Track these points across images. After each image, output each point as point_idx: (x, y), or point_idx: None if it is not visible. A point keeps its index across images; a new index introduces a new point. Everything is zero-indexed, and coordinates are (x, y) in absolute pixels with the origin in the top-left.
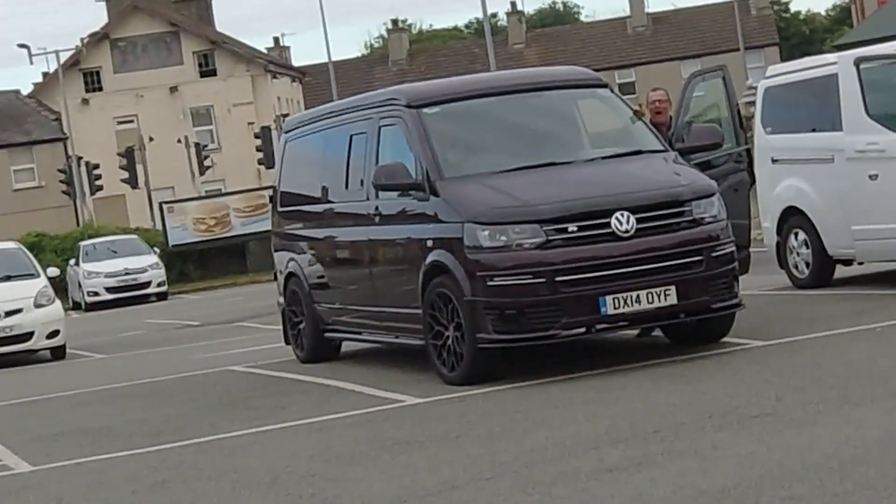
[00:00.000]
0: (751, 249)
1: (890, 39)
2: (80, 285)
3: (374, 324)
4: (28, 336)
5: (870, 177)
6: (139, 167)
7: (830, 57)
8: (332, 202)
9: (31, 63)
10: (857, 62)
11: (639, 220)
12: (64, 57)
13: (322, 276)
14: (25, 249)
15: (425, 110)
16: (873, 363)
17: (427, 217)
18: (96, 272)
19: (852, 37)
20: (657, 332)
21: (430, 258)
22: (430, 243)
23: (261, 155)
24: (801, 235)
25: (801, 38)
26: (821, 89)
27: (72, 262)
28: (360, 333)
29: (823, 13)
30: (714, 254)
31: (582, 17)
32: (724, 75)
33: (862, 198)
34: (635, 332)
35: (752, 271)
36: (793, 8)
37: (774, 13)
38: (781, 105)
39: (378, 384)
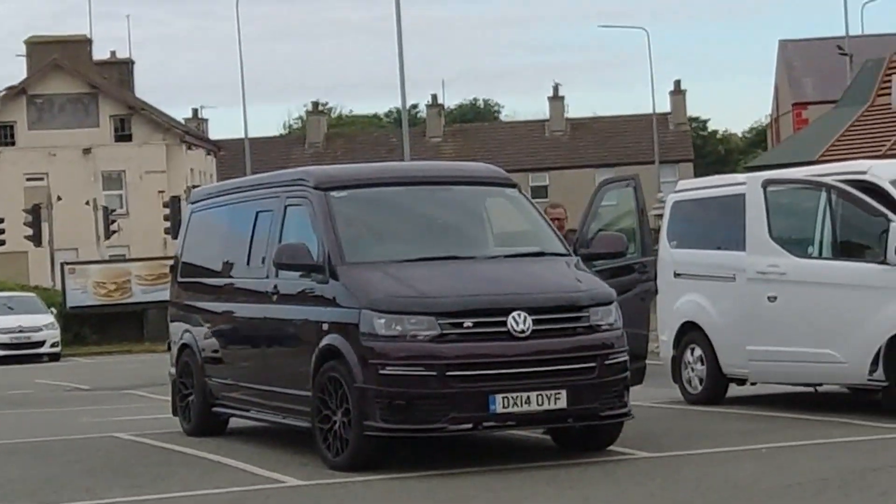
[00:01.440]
0: (647, 361)
1: (803, 165)
2: None
3: (264, 402)
4: None
5: (769, 298)
6: (45, 225)
7: (739, 177)
8: (233, 277)
9: None
10: (765, 184)
11: (535, 322)
12: None
13: (216, 351)
14: None
15: (332, 193)
16: (756, 484)
17: (325, 300)
18: None
19: (766, 160)
20: (545, 434)
21: (324, 341)
22: (325, 326)
23: (168, 224)
24: (697, 351)
25: (716, 157)
26: (727, 208)
27: None
28: (248, 411)
29: (740, 134)
30: (607, 361)
31: (502, 117)
32: (636, 185)
33: (760, 319)
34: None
35: (646, 383)
36: (710, 126)
37: (692, 130)
38: (688, 220)
39: (261, 463)
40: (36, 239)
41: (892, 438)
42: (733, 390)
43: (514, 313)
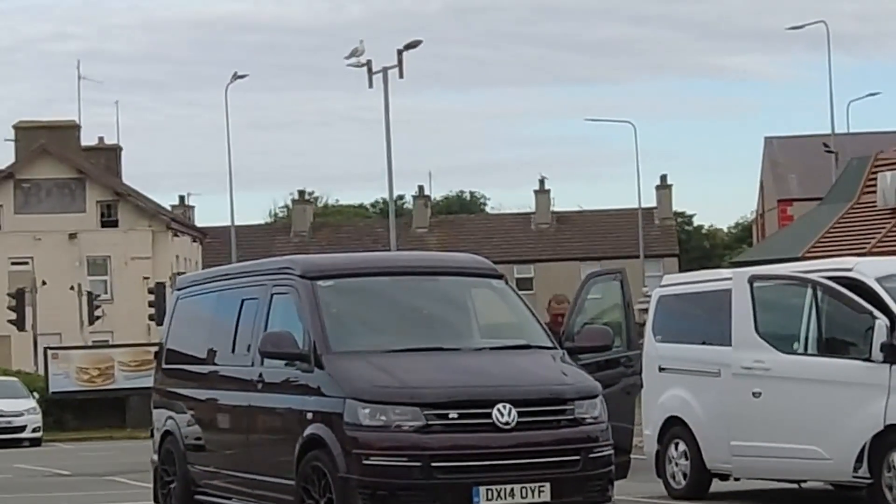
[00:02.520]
0: (631, 455)
1: (788, 261)
2: None
3: (246, 490)
4: None
5: (753, 394)
6: (28, 310)
7: (725, 272)
8: (218, 365)
9: None
10: (751, 280)
11: (520, 414)
12: None
13: (199, 438)
14: None
15: (319, 282)
16: None
17: (310, 389)
18: None
19: (751, 255)
20: None
21: (308, 431)
22: (309, 416)
23: (153, 311)
24: (682, 446)
25: (701, 252)
26: (713, 303)
27: None
28: (230, 498)
29: (725, 230)
30: (592, 455)
31: (487, 209)
32: (622, 279)
33: (744, 414)
34: None
35: (631, 477)
36: (696, 221)
37: (677, 224)
38: (673, 315)
39: None
40: (19, 323)
41: None
42: (717, 485)
43: (499, 405)
